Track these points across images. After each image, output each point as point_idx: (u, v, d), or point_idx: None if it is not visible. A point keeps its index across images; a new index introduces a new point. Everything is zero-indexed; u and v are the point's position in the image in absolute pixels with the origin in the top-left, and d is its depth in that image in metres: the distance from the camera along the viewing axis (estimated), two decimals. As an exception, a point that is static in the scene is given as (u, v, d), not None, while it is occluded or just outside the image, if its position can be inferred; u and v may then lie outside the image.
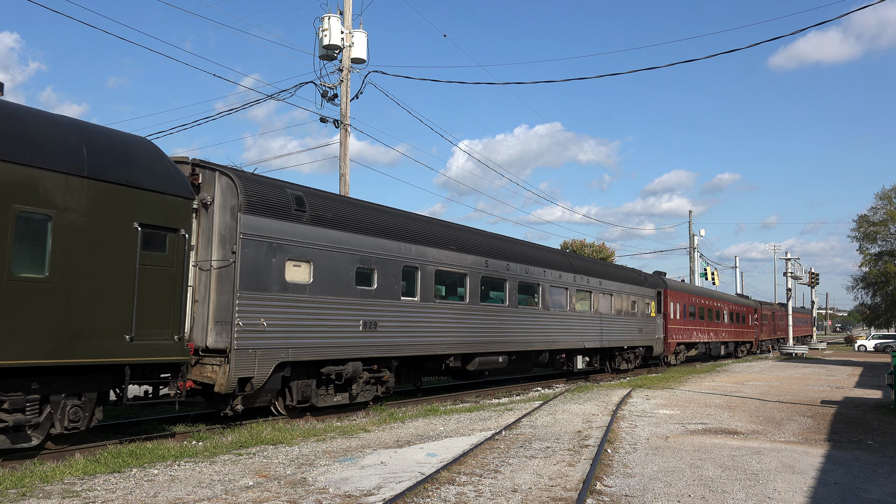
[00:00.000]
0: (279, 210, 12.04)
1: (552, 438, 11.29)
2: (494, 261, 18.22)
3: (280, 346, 11.80)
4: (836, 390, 21.52)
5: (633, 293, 27.68)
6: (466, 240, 17.49)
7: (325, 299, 12.78)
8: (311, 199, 12.97)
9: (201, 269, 11.41)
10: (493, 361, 18.03)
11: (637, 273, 30.31)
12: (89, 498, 7.18)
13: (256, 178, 12.23)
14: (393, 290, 14.46)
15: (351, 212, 13.87)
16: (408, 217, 16.02)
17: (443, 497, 7.42)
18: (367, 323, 13.71)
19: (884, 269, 51.08)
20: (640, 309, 28.28)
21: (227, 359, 10.91)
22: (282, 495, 7.38)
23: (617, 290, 26.10)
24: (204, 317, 11.26)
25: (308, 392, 12.86)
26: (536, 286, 20.38)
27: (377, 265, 14.04)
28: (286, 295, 12.02)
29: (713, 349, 40.39)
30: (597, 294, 24.37)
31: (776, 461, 9.87)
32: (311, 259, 12.53)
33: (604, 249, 60.87)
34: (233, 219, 11.31)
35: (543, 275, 20.69)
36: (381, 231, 14.36)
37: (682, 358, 34.96)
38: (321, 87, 21.74)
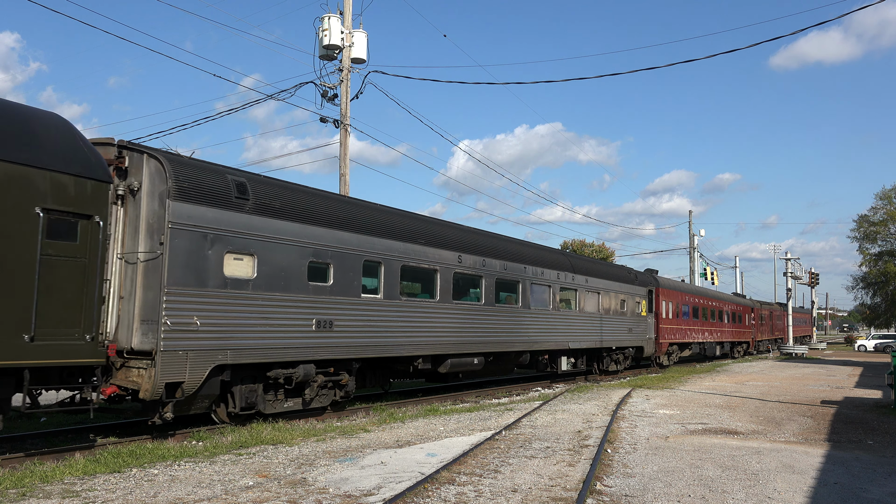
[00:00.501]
0: (217, 197, 10.93)
1: (552, 438, 11.29)
2: (469, 256, 17.14)
3: (217, 348, 10.70)
4: (836, 390, 21.49)
5: (622, 291, 26.63)
6: (437, 233, 16.33)
7: (270, 296, 11.67)
8: (256, 186, 11.89)
9: (127, 262, 10.32)
10: (467, 363, 17.05)
11: (627, 270, 29.12)
12: (89, 498, 7.19)
13: (191, 161, 11.15)
14: (352, 286, 13.35)
15: (302, 201, 12.71)
16: (370, 208, 14.82)
17: (443, 497, 7.42)
18: (321, 322, 12.61)
19: (884, 269, 51.16)
20: (629, 308, 27.21)
21: (153, 361, 9.84)
22: (282, 495, 7.38)
23: (605, 288, 25.05)
24: (129, 315, 10.17)
25: (253, 398, 11.80)
26: (516, 283, 19.29)
27: (333, 259, 12.95)
28: (225, 291, 10.91)
29: (708, 349, 39.46)
30: (583, 292, 23.27)
31: (776, 461, 9.86)
32: (255, 252, 11.45)
33: (604, 249, 60.86)
34: (161, 206, 10.20)
35: (524, 271, 19.61)
36: (339, 222, 13.24)
37: (675, 359, 34.01)
38: (321, 87, 21.74)
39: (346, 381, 13.55)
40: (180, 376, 10.16)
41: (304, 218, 12.46)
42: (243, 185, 11.56)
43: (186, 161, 11.02)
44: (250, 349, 11.33)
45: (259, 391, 11.93)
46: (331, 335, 12.83)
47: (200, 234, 10.59)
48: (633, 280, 28.26)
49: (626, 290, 27.07)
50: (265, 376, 11.97)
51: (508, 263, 18.84)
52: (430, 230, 16.12)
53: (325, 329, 12.71)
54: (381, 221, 14.54)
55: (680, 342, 34.06)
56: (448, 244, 16.44)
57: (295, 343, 12.13)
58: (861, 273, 55.58)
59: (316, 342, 12.54)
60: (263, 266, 11.59)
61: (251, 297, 11.37)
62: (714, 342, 40.47)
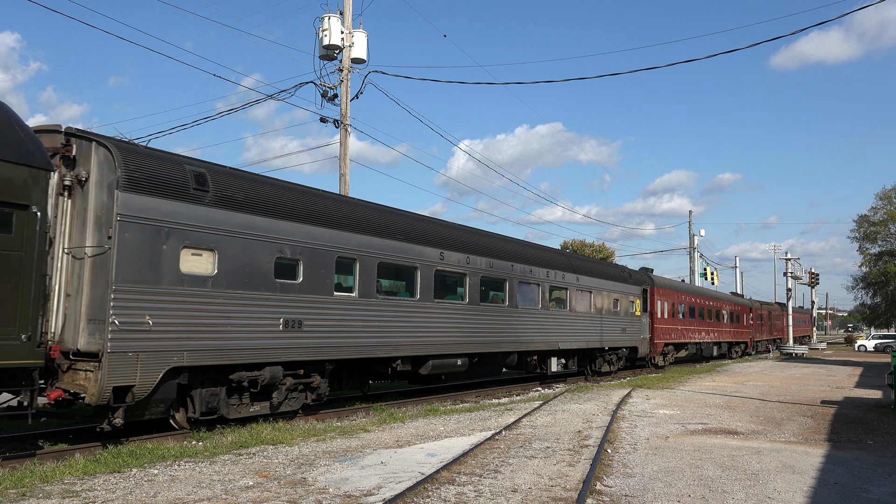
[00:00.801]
0: (173, 188, 10.23)
1: (552, 438, 11.29)
2: (452, 253, 16.35)
3: (172, 349, 10.02)
4: (836, 390, 21.48)
5: (615, 290, 25.81)
6: (417, 229, 15.52)
7: (232, 294, 10.96)
8: (217, 177, 11.14)
9: (75, 257, 9.66)
10: (450, 364, 16.26)
11: (620, 269, 28.34)
12: (89, 498, 7.18)
13: (144, 150, 10.44)
14: (324, 284, 12.65)
15: (269, 193, 12.02)
16: (343, 202, 14.08)
17: (443, 497, 7.42)
18: (290, 322, 11.93)
19: (884, 269, 51.15)
20: (623, 307, 26.44)
21: (100, 364, 9.15)
22: (282, 495, 7.38)
23: (597, 286, 24.21)
24: (76, 314, 9.47)
25: (215, 402, 11.10)
26: (503, 282, 18.53)
27: (303, 255, 12.26)
28: (181, 289, 10.22)
29: (705, 350, 38.67)
30: (574, 291, 22.43)
31: (776, 461, 9.87)
32: (216, 247, 10.73)
33: (604, 249, 60.86)
34: (110, 197, 9.49)
35: (511, 270, 18.80)
36: (309, 217, 12.52)
37: (670, 359, 33.32)
38: (321, 87, 21.74)
39: (318, 383, 12.91)
40: (130, 379, 9.45)
41: (270, 212, 11.80)
42: (203, 176, 10.83)
43: (139, 150, 10.33)
44: (210, 350, 10.63)
45: (222, 395, 11.25)
46: (300, 335, 12.16)
47: (153, 227, 9.91)
48: (626, 279, 27.51)
49: (619, 289, 26.33)
50: (228, 379, 11.30)
51: (495, 261, 18.13)
52: (409, 226, 15.38)
53: (293, 329, 12.02)
54: (356, 216, 13.82)
55: (676, 342, 33.42)
56: (429, 241, 15.71)
57: (260, 344, 11.44)
58: (861, 273, 55.58)
59: (284, 343, 11.86)
60: (225, 262, 10.90)
61: (211, 294, 10.67)
62: (711, 342, 39.83)
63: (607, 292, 25.15)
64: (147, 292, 9.78)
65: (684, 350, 35.39)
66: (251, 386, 11.64)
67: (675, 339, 33.20)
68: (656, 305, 30.47)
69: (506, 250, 18.98)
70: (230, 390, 11.49)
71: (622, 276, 27.33)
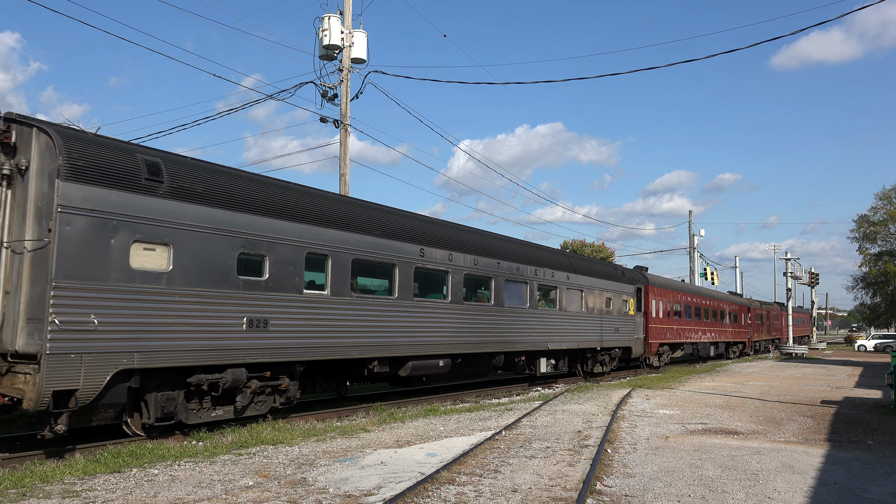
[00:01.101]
0: (122, 178, 9.56)
1: (552, 438, 11.30)
2: (433, 250, 15.68)
3: (121, 350, 9.37)
4: (836, 390, 21.48)
5: (607, 289, 25.01)
6: (396, 224, 14.87)
7: (190, 291, 10.31)
8: (173, 167, 10.47)
9: (14, 251, 9.05)
10: (431, 366, 15.61)
11: (613, 267, 27.60)
12: (89, 498, 7.18)
13: (90, 137, 9.79)
14: (292, 281, 12.04)
15: (231, 185, 11.32)
16: (314, 195, 13.27)
17: (443, 497, 7.42)
18: (254, 321, 11.28)
19: (884, 269, 51.14)
20: (615, 306, 25.64)
21: (39, 366, 8.54)
22: (282, 495, 7.38)
23: (588, 285, 23.40)
24: (15, 313, 8.85)
25: (172, 407, 10.46)
26: (488, 280, 17.85)
27: (269, 251, 11.64)
28: (131, 286, 9.55)
29: (702, 350, 37.89)
30: (563, 290, 21.64)
31: (776, 461, 9.87)
32: (171, 242, 10.11)
33: (603, 249, 60.84)
34: (50, 187, 8.86)
35: (497, 267, 18.08)
36: (276, 210, 11.89)
37: (665, 360, 32.54)
38: (321, 87, 21.74)
39: (286, 385, 12.32)
40: (72, 383, 8.79)
41: (232, 204, 11.14)
42: (156, 166, 10.15)
43: (84, 137, 9.70)
44: (165, 351, 9.98)
45: (179, 399, 10.60)
46: (266, 335, 11.52)
47: (99, 220, 9.24)
48: (619, 277, 26.76)
49: (612, 287, 25.57)
50: (186, 382, 10.68)
51: (479, 258, 17.44)
52: (386, 221, 14.70)
53: (258, 329, 11.39)
54: (328, 210, 13.13)
55: (671, 342, 32.71)
56: (409, 236, 15.06)
57: (222, 344, 10.78)
58: (861, 273, 55.54)
59: (247, 343, 11.21)
60: (182, 258, 10.25)
61: (166, 292, 10.02)
62: (708, 342, 39.11)
63: (599, 291, 24.39)
64: (92, 289, 9.12)
65: (680, 350, 34.74)
66: (212, 389, 11.04)
67: (671, 339, 32.52)
68: (651, 305, 29.85)
69: (491, 247, 18.33)
70: (190, 394, 10.88)
71: (615, 274, 26.63)
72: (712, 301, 40.80)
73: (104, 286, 9.29)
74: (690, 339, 35.71)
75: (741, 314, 47.13)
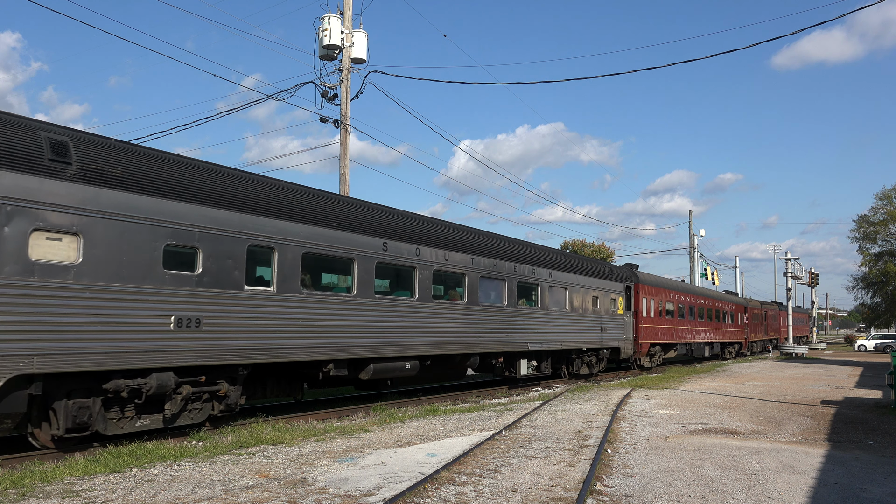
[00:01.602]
0: (19, 159, 8.55)
1: (552, 438, 11.30)
2: (398, 244, 14.60)
3: (17, 353, 8.31)
4: (836, 390, 21.50)
5: (594, 287, 23.78)
6: (353, 215, 13.76)
7: (104, 287, 9.23)
8: (84, 147, 9.36)
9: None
10: (396, 368, 14.54)
11: (600, 265, 26.18)
12: (89, 498, 7.18)
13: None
14: (231, 276, 10.93)
15: (156, 168, 10.15)
16: (258, 182, 12.18)
17: (443, 497, 7.42)
18: (184, 320, 10.18)
19: (884, 269, 51.17)
20: (603, 305, 24.45)
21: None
22: (282, 495, 7.38)
23: (573, 283, 22.20)
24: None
25: (86, 416, 9.36)
26: (461, 277, 16.72)
27: (203, 243, 10.52)
28: (30, 280, 8.49)
29: (696, 350, 36.69)
30: (546, 287, 20.51)
31: (776, 461, 9.87)
32: (81, 231, 9.04)
33: (603, 249, 60.90)
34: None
35: (471, 263, 16.98)
36: (212, 198, 10.78)
37: (657, 360, 31.47)
38: (321, 87, 21.75)
39: (226, 391, 11.22)
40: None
41: (157, 190, 10.03)
42: (63, 146, 9.08)
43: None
44: (74, 354, 8.89)
45: (96, 408, 9.51)
46: (199, 336, 10.43)
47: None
48: (607, 275, 25.46)
49: (599, 285, 24.34)
50: (102, 388, 9.57)
51: (451, 254, 16.31)
52: (343, 211, 13.58)
53: (189, 329, 10.29)
54: (273, 199, 11.98)
55: (663, 343, 31.64)
56: (369, 229, 13.97)
57: (144, 346, 9.70)
58: (861, 273, 55.60)
59: (176, 345, 10.11)
60: (94, 249, 9.17)
61: (74, 287, 8.94)
62: (703, 343, 38.01)
63: (585, 289, 23.14)
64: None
65: (673, 351, 33.61)
66: (135, 396, 9.98)
67: (663, 340, 31.42)
68: (641, 303, 28.77)
69: (464, 242, 17.16)
70: (109, 401, 9.81)
71: (602, 272, 25.23)
72: (707, 300, 39.82)
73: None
74: (684, 340, 34.60)
75: (737, 314, 46.27)
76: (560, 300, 21.60)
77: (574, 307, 22.36)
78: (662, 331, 31.36)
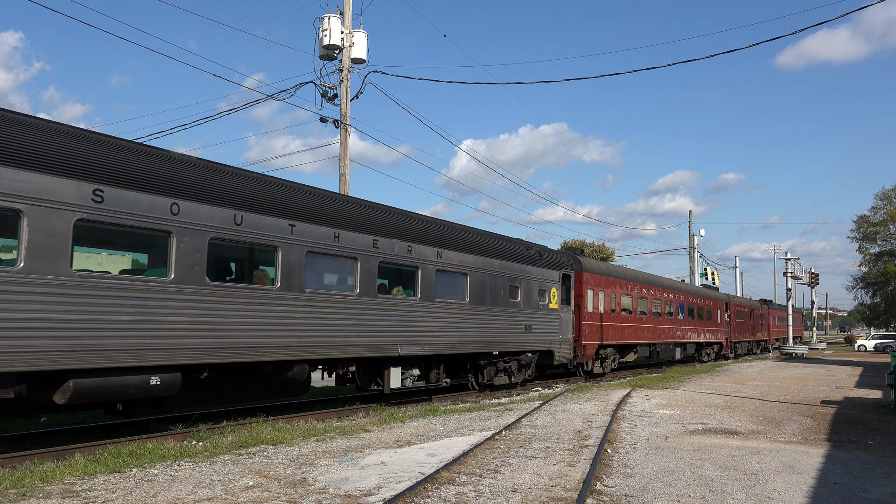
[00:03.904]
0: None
1: (552, 438, 11.30)
2: (133, 194, 9.58)
3: None
4: (836, 390, 21.52)
5: (512, 274, 18.65)
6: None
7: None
8: None
9: None
10: (132, 386, 9.50)
11: (523, 246, 20.12)
12: (89, 498, 7.19)
13: None
14: None
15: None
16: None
17: (443, 497, 7.42)
18: None
19: (883, 269, 51.30)
20: (527, 297, 19.36)
21: None
22: (282, 495, 7.39)
23: (477, 267, 17.04)
24: None
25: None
26: (269, 251, 11.72)
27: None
28: None
29: (662, 352, 31.85)
30: (431, 271, 15.33)
31: (776, 461, 9.87)
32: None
33: (604, 249, 60.97)
34: None
35: (290, 233, 11.90)
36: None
37: (612, 365, 26.75)
38: (321, 87, 21.75)
39: None
40: None
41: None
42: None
43: None
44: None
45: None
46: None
47: None
48: (534, 260, 20.13)
49: (521, 272, 19.17)
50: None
51: (248, 216, 11.20)
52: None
53: None
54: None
55: (617, 344, 26.85)
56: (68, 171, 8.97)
57: None
58: (861, 273, 55.74)
59: None
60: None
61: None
62: (672, 343, 33.01)
63: (498, 276, 18.00)
64: None
65: (633, 353, 28.88)
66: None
67: (616, 340, 26.54)
68: (586, 296, 23.97)
69: (275, 200, 11.82)
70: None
71: (527, 255, 19.88)
72: (678, 294, 34.82)
73: None
74: (646, 340, 29.59)
75: (716, 311, 41.69)
76: (457, 289, 16.54)
77: (479, 298, 17.16)
78: (615, 329, 26.41)
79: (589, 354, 24.17)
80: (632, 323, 28.34)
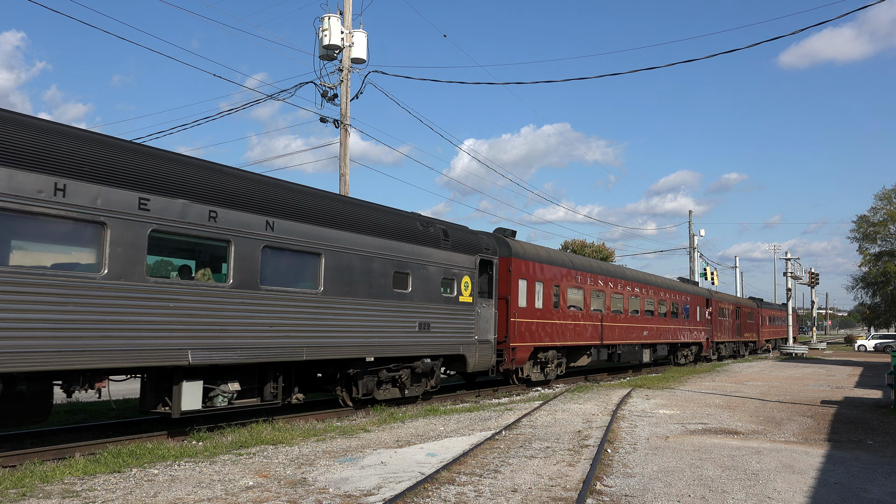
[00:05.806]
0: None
1: (552, 438, 11.30)
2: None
3: None
4: (835, 390, 21.51)
5: (400, 257, 14.45)
6: None
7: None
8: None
9: None
10: None
11: (420, 222, 15.69)
12: (89, 498, 7.19)
13: None
14: None
15: None
16: None
17: (443, 497, 7.42)
18: None
19: (883, 269, 51.31)
20: (425, 287, 15.22)
21: None
22: (282, 495, 7.39)
23: (342, 245, 12.94)
24: None
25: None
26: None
27: None
28: None
29: (625, 355, 26.77)
30: (256, 248, 11.18)
31: (776, 461, 9.87)
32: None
33: (604, 249, 60.92)
34: None
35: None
36: None
37: (557, 370, 21.98)
38: (321, 87, 21.74)
39: None
40: None
41: None
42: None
43: None
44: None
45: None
46: None
47: None
48: (435, 241, 15.77)
49: (415, 256, 14.94)
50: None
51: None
52: None
53: None
54: None
55: (561, 346, 21.94)
56: None
57: None
58: (861, 273, 55.77)
59: None
60: None
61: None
62: (637, 344, 28.08)
63: (377, 258, 13.84)
64: None
65: (585, 356, 24.05)
66: None
67: (560, 341, 21.70)
68: (518, 288, 19.51)
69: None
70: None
71: (424, 235, 15.52)
72: (645, 288, 29.46)
73: None
74: (602, 341, 24.72)
75: (696, 308, 36.59)
76: (304, 274, 12.50)
77: (341, 287, 13.03)
78: (559, 328, 21.69)
79: (521, 359, 19.51)
80: (583, 321, 23.56)
